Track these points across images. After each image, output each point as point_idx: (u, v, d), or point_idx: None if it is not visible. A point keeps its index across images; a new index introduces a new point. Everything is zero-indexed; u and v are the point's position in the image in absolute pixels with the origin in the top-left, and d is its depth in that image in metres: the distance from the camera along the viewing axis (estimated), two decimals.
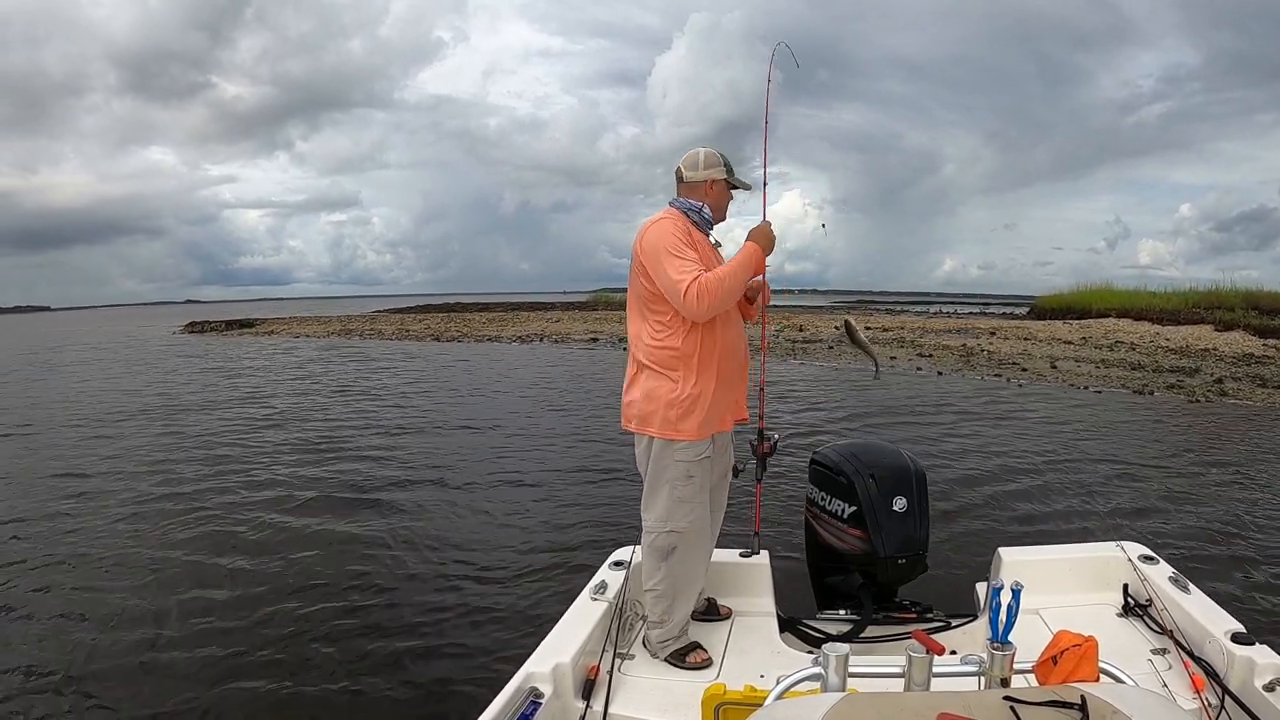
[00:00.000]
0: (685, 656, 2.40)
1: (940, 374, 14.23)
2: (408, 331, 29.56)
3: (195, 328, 36.66)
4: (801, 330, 24.67)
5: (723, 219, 2.56)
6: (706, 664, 2.37)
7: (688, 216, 2.44)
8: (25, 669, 3.58)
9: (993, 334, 22.52)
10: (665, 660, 2.40)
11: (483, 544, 5.16)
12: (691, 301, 2.24)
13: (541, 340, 24.09)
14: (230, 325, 37.29)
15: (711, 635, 2.56)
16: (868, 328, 25.96)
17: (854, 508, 2.73)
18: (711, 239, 2.52)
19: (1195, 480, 6.62)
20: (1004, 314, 39.25)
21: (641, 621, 2.51)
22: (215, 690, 3.35)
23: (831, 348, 19.09)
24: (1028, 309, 36.24)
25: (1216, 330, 19.56)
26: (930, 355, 17.13)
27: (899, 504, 2.70)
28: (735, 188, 2.54)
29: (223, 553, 5.00)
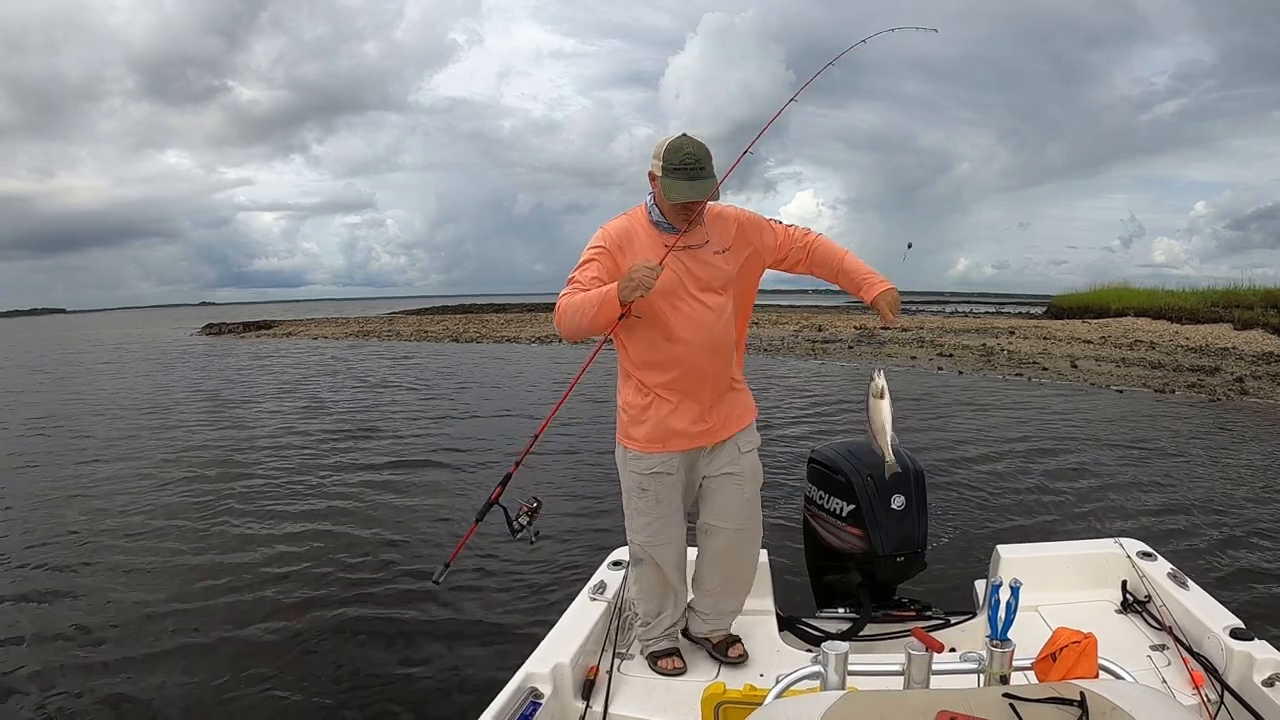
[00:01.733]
0: (659, 660, 2.39)
1: (961, 373, 14.19)
2: (426, 333, 29.78)
3: (213, 330, 37.10)
4: (820, 330, 24.63)
5: (685, 227, 2.16)
6: (678, 671, 2.35)
7: (649, 214, 2.22)
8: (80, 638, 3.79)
9: (1012, 333, 22.46)
10: (644, 659, 2.41)
11: (485, 543, 5.19)
12: (556, 318, 2.13)
13: (561, 341, 24.03)
14: (248, 327, 37.69)
15: None
16: (884, 327, 25.64)
17: (852, 506, 2.73)
18: (682, 242, 2.16)
19: (1212, 479, 6.56)
20: (1020, 313, 38.84)
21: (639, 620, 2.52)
22: (211, 688, 3.39)
23: (851, 347, 19.04)
24: (1044, 308, 36.00)
25: (1235, 329, 19.40)
26: (950, 355, 17.10)
27: (897, 502, 2.70)
28: (667, 194, 2.09)
29: (228, 550, 5.11)
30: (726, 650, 2.43)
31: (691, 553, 2.46)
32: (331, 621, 4.03)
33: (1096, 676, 1.36)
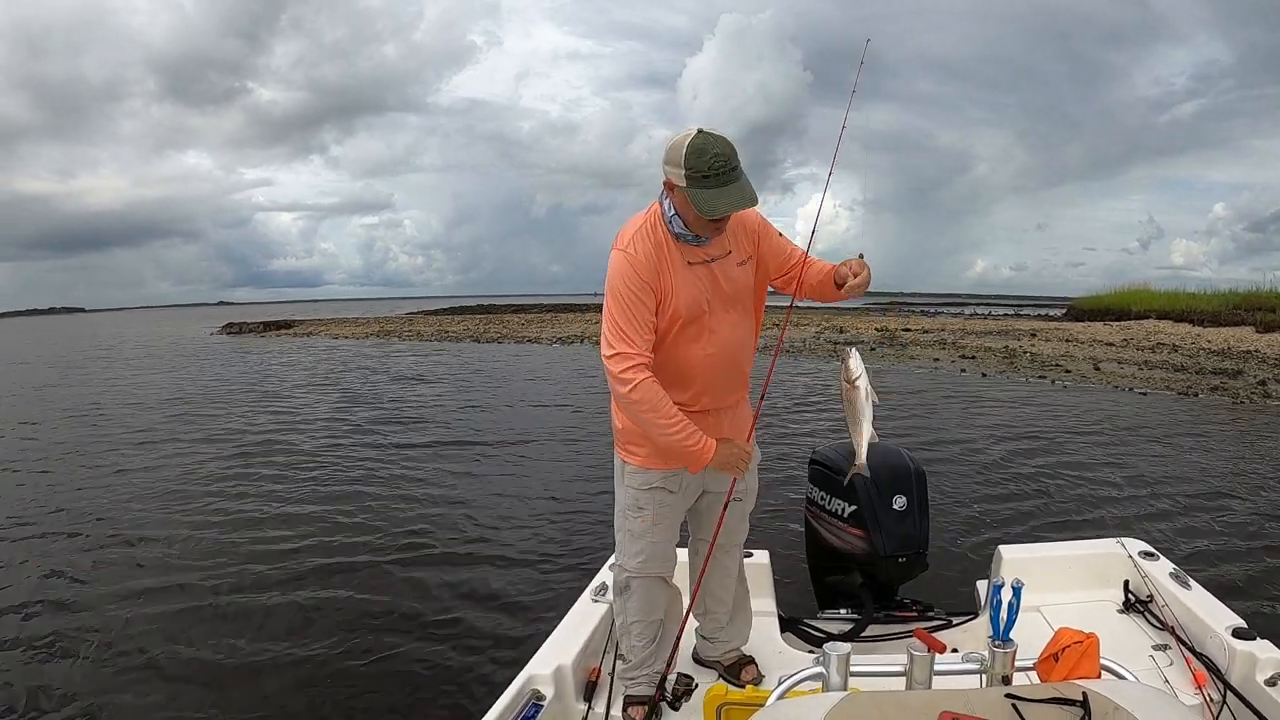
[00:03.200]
0: (629, 708, 2.19)
1: (984, 375, 14.07)
2: (447, 333, 29.81)
3: (233, 329, 37.35)
4: (842, 331, 24.53)
5: (714, 234, 1.92)
6: None
7: (669, 226, 1.92)
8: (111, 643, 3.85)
9: (1033, 335, 22.27)
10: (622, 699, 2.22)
11: (486, 544, 5.22)
12: (616, 388, 1.90)
13: (582, 342, 23.91)
14: (268, 326, 37.84)
15: None
16: (906, 329, 25.68)
17: (854, 507, 2.73)
18: (707, 256, 1.95)
19: (1223, 479, 6.47)
20: (1039, 315, 38.44)
21: None
22: (207, 684, 3.42)
23: (873, 349, 18.95)
24: (1064, 310, 35.75)
25: (1258, 332, 19.18)
26: (973, 357, 16.99)
27: (899, 503, 2.70)
28: (701, 208, 1.79)
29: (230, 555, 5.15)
30: (739, 673, 2.31)
31: (680, 577, 2.31)
32: (331, 621, 4.05)
33: (1099, 677, 1.36)
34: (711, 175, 1.76)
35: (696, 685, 2.23)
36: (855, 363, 1.92)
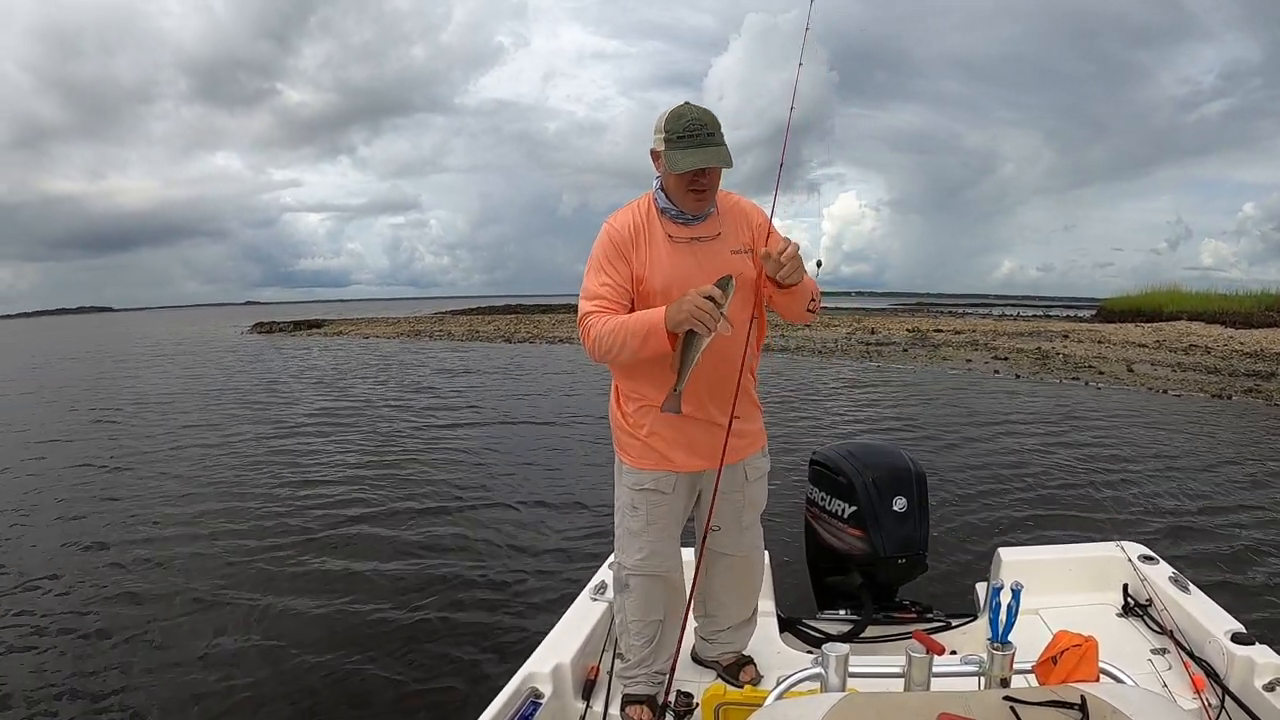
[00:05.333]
0: (627, 707, 2.17)
1: (1018, 377, 14.04)
2: (478, 333, 29.57)
3: (263, 328, 37.21)
4: (874, 333, 24.56)
5: (697, 208, 1.95)
6: None
7: (655, 201, 1.99)
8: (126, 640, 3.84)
9: (1066, 337, 22.29)
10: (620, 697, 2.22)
11: (486, 543, 5.20)
12: (585, 345, 1.93)
13: None
14: (299, 326, 37.68)
15: None
16: (938, 329, 25.71)
17: (854, 508, 2.73)
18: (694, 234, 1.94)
19: (1238, 483, 6.47)
20: (1067, 316, 38.54)
21: None
22: (202, 682, 3.39)
23: (905, 350, 18.99)
24: (1093, 311, 35.92)
25: None
26: (1006, 358, 16.98)
27: (899, 504, 2.70)
28: (672, 165, 1.83)
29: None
30: (737, 674, 2.29)
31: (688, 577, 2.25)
32: (327, 617, 4.03)
33: (1097, 680, 1.36)
34: (686, 136, 1.84)
35: (697, 705, 2.19)
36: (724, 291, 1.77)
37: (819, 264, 1.97)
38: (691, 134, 1.84)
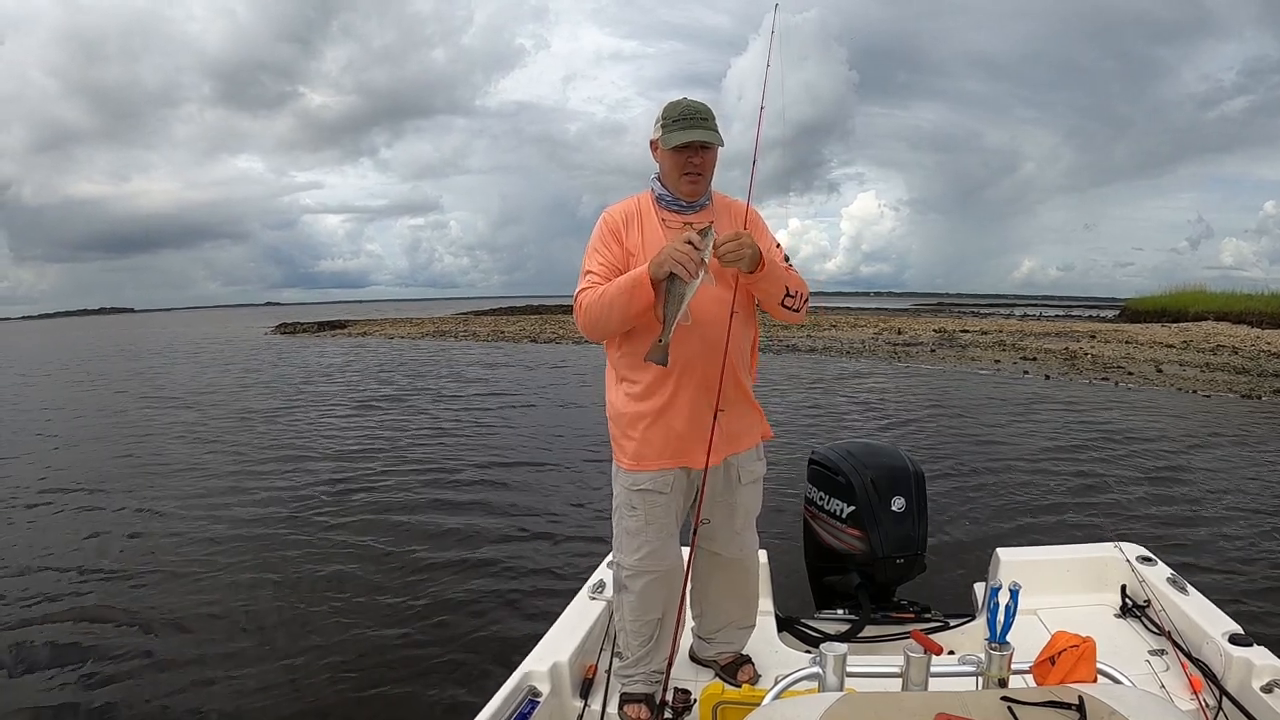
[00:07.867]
0: (625, 705, 2.18)
1: (1048, 377, 14.02)
2: (502, 333, 29.48)
3: (286, 329, 37.31)
4: (900, 334, 24.57)
5: (691, 192, 2.03)
6: None
7: (653, 189, 2.10)
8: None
9: (1092, 337, 22.32)
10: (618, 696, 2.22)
11: (484, 542, 5.20)
12: (576, 316, 1.99)
13: None
14: (322, 327, 37.72)
15: None
16: (964, 330, 25.74)
17: (852, 507, 2.73)
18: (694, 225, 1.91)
19: (1246, 484, 6.46)
20: (1090, 317, 38.49)
21: None
22: (199, 679, 3.39)
23: (933, 350, 18.99)
24: (1117, 311, 35.82)
25: None
26: (1034, 359, 16.98)
27: (897, 504, 2.70)
28: (664, 143, 1.97)
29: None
30: (735, 673, 2.30)
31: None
32: (328, 617, 4.02)
33: (1095, 681, 1.36)
34: (681, 119, 1.97)
35: (695, 703, 2.19)
36: (705, 238, 1.80)
37: (787, 259, 2.06)
38: (686, 118, 1.97)
